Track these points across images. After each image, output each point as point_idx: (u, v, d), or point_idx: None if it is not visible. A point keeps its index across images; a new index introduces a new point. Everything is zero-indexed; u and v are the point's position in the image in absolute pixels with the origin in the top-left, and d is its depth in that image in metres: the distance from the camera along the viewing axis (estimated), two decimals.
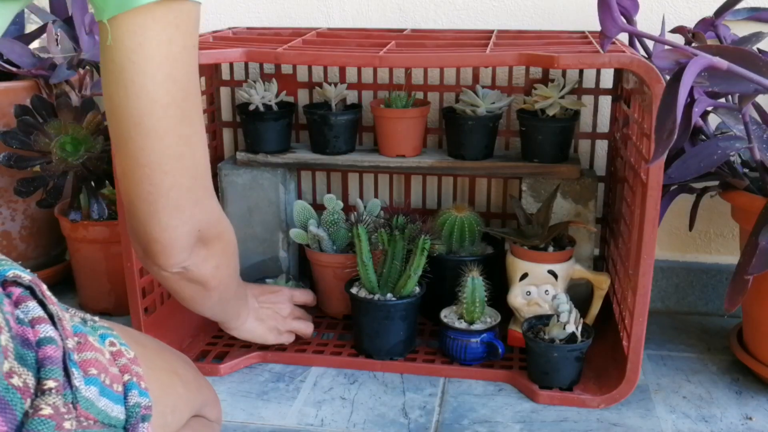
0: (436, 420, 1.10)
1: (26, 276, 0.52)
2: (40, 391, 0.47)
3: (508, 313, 1.26)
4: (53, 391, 0.47)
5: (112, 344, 0.58)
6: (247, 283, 1.14)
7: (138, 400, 0.55)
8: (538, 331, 1.17)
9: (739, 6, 1.27)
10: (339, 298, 1.32)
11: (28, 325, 0.49)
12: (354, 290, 1.25)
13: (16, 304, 0.50)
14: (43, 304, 0.51)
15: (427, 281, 1.24)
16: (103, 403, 0.52)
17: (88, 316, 0.60)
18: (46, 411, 0.46)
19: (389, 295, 1.23)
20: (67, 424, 0.47)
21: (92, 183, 1.40)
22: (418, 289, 1.24)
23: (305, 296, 1.29)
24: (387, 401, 1.15)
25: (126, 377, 0.56)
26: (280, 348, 1.27)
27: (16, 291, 0.51)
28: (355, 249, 1.23)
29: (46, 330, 0.49)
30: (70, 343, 0.51)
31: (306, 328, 1.24)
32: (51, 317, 0.51)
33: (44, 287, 0.53)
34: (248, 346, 1.27)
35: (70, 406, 0.48)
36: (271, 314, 1.18)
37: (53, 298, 0.53)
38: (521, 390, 1.16)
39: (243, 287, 1.06)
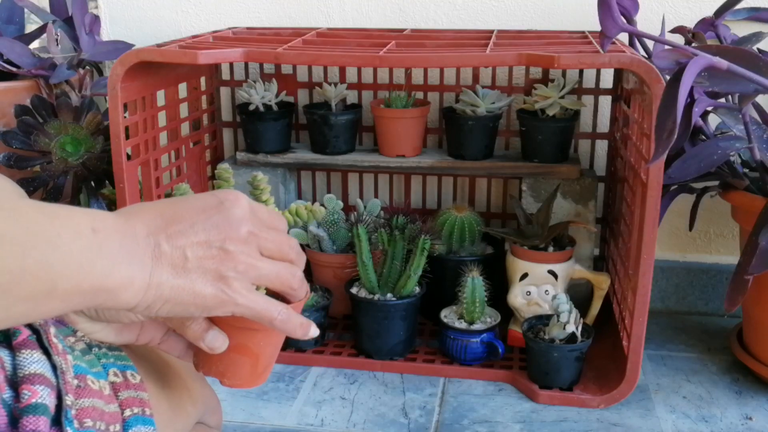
0: (436, 420, 1.10)
1: None
2: None
3: (508, 313, 1.26)
4: None
5: (115, 374, 0.55)
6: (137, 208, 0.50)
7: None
8: (538, 331, 1.17)
9: (739, 6, 1.27)
10: (339, 298, 1.32)
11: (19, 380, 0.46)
12: (354, 290, 1.25)
13: (18, 348, 0.48)
14: (47, 352, 0.48)
15: (427, 281, 1.24)
16: None
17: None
18: None
19: (389, 295, 1.22)
20: None
21: (92, 183, 1.40)
22: (418, 289, 1.24)
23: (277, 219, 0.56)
24: (387, 401, 1.15)
25: (127, 413, 0.53)
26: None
27: (24, 333, 0.48)
28: (355, 249, 1.23)
29: (42, 395, 0.46)
30: (69, 400, 0.48)
31: (301, 286, 0.56)
32: (54, 367, 0.48)
33: (52, 333, 0.50)
34: None
35: None
36: (205, 253, 0.49)
37: (59, 345, 0.50)
38: (521, 390, 1.16)
39: (113, 216, 0.47)
